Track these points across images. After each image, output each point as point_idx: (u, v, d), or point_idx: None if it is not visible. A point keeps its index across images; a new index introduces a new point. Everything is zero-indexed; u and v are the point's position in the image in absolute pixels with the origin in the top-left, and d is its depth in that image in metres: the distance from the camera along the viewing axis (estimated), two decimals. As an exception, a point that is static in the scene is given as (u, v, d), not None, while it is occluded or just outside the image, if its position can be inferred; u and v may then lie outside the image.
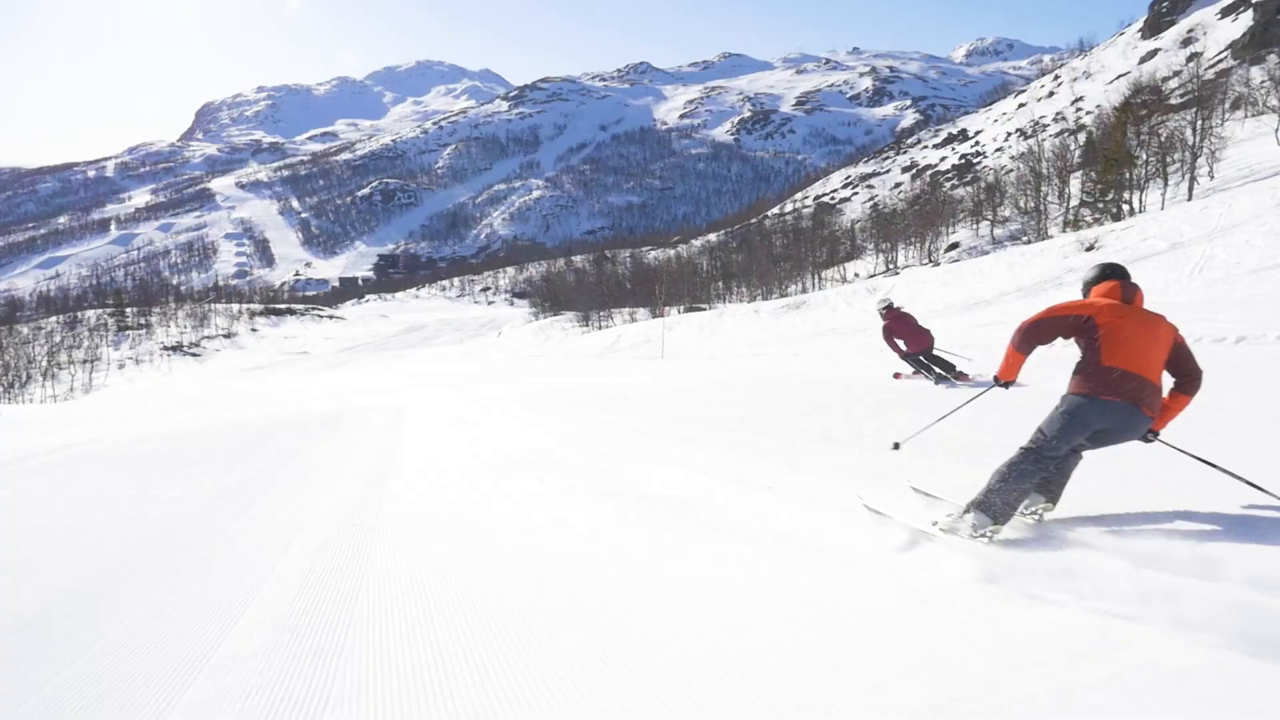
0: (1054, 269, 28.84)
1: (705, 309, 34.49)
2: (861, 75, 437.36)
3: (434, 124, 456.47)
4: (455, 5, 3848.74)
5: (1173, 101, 65.67)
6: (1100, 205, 45.88)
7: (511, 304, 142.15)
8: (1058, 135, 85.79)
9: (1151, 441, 4.24)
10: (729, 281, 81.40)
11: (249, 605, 3.99)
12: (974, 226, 68.26)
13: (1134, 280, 4.20)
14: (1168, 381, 4.12)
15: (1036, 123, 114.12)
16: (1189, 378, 4.12)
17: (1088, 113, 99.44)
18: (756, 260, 77.66)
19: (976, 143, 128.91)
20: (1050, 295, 23.38)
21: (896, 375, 11.66)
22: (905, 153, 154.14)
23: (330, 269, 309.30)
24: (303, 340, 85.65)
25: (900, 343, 11.17)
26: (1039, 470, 3.98)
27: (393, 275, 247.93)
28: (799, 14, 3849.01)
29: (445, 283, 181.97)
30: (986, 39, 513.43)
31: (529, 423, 10.82)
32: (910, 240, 72.25)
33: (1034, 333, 4.11)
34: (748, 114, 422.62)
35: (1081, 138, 72.32)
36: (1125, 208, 44.56)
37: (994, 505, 3.93)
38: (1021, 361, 4.24)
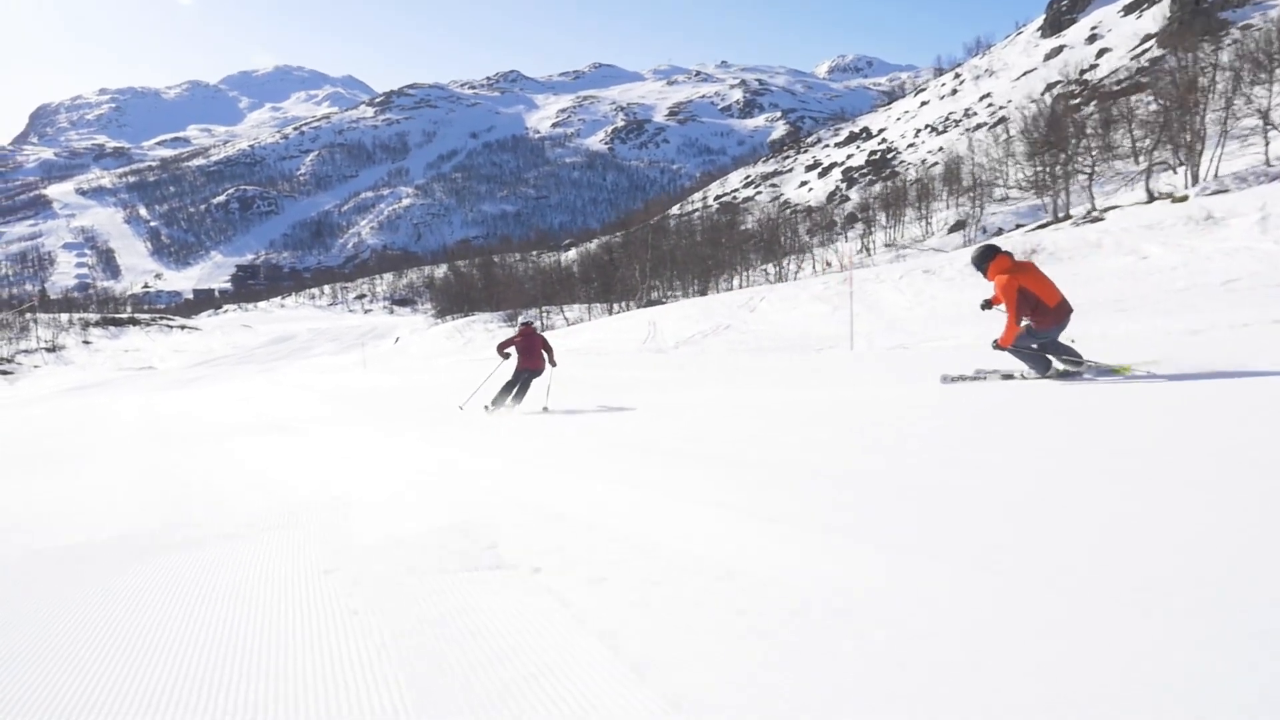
0: None
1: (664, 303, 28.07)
2: (732, 87, 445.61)
3: (295, 130, 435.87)
4: (315, 12, 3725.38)
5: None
6: None
7: (392, 312, 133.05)
8: (975, 129, 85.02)
9: None
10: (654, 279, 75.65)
11: None
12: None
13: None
14: None
15: (948, 117, 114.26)
16: None
17: (1000, 107, 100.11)
18: (694, 255, 71.85)
19: (884, 140, 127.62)
20: None
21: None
22: (806, 151, 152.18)
23: (183, 280, 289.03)
24: (147, 353, 74.27)
25: (514, 354, 11.32)
26: (1030, 355, 7.22)
27: (253, 286, 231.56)
28: (667, 27, 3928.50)
29: (315, 291, 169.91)
30: (847, 56, 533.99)
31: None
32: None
33: (1019, 309, 6.90)
34: (621, 124, 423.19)
35: (1013, 128, 70.46)
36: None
37: (1033, 367, 7.30)
38: (1017, 329, 7.00)
